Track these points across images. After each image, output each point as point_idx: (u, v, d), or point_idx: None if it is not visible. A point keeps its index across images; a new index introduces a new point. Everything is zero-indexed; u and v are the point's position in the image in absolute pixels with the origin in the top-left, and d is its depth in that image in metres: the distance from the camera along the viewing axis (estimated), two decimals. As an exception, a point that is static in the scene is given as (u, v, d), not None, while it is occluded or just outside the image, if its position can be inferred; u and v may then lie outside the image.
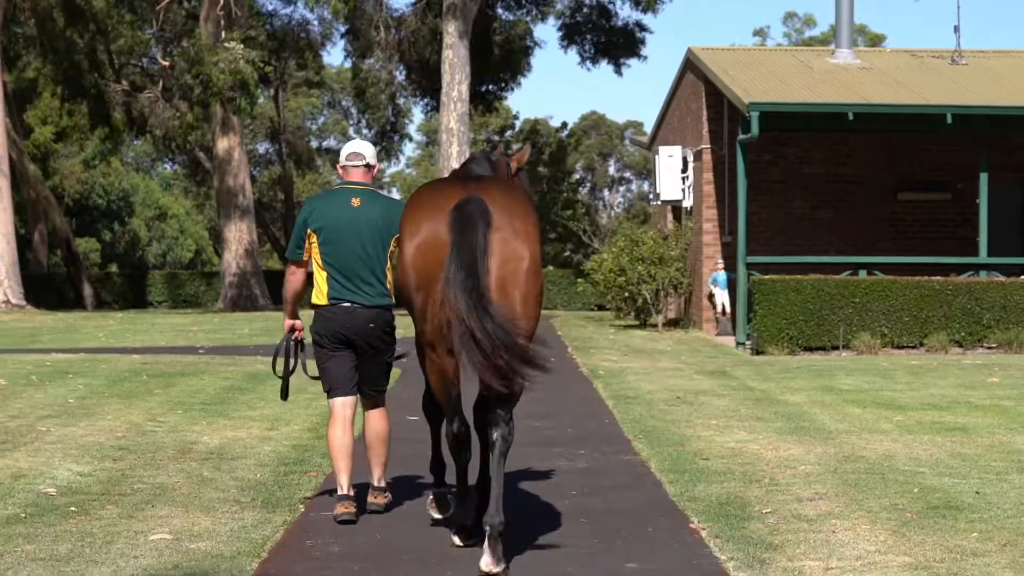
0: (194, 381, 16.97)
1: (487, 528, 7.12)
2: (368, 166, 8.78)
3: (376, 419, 8.81)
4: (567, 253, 65.30)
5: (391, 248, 8.54)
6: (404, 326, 9.24)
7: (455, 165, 36.49)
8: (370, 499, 8.77)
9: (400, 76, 48.42)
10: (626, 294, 29.78)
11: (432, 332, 7.41)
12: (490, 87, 48.75)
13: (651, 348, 23.70)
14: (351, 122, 78.80)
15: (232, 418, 13.29)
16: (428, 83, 46.70)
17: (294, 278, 8.79)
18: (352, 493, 8.53)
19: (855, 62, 28.79)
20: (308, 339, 8.92)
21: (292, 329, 8.92)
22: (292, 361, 8.94)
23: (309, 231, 8.58)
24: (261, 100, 55.75)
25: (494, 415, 7.31)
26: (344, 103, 77.56)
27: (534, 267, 7.28)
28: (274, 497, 9.12)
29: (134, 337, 27.02)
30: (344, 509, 8.42)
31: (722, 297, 27.26)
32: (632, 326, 30.48)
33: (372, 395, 8.78)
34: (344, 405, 8.67)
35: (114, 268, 73.38)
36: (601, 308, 41.91)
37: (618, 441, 12.02)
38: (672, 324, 29.98)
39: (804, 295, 22.57)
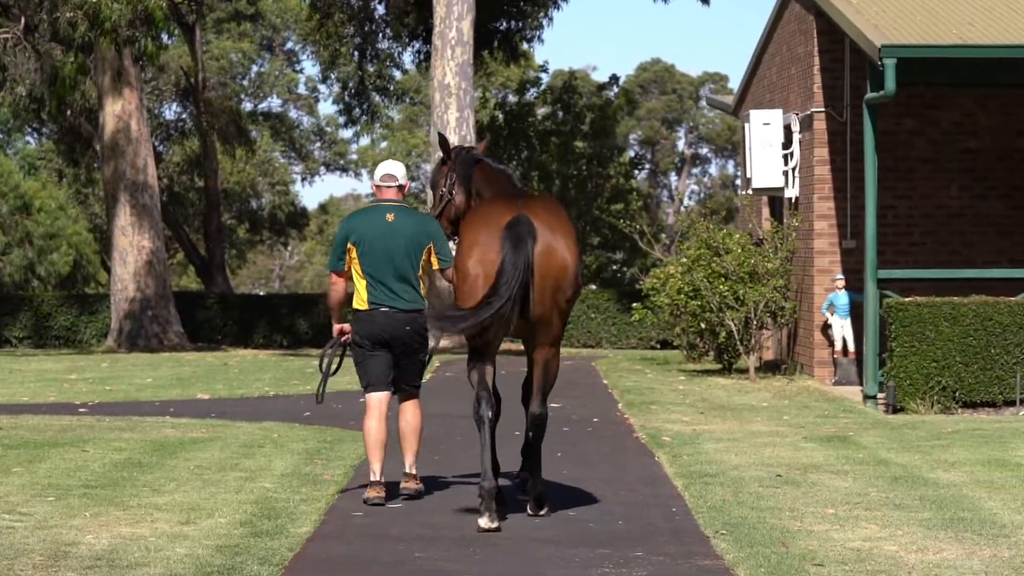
0: (73, 454, 16.99)
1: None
2: (400, 187, 13.79)
3: (410, 412, 13.78)
4: (616, 266, 65.03)
5: (423, 258, 13.54)
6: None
7: (452, 137, 36.48)
8: (403, 484, 13.70)
9: (381, 9, 48.50)
10: (702, 325, 29.76)
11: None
12: (512, 25, 48.71)
13: (739, 404, 23.71)
14: (299, 70, 79.01)
15: (129, 508, 13.32)
16: (417, 20, 46.78)
17: (336, 287, 13.71)
18: (383, 480, 13.49)
19: (1038, -15, 28.80)
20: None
21: (341, 332, 13.74)
22: (338, 361, 13.92)
23: (349, 245, 13.50)
24: (171, 40, 55.70)
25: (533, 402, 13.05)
26: (290, 45, 77.76)
27: (575, 276, 12.79)
28: (190, 621, 9.16)
29: (-15, 389, 27.08)
30: (375, 493, 13.41)
31: (843, 329, 27.25)
32: (711, 371, 30.49)
33: (407, 390, 13.75)
34: (380, 400, 13.69)
35: (-45, 289, 73.69)
36: (666, 345, 41.91)
37: (691, 538, 12.06)
38: (770, 368, 29.99)
39: (963, 326, 22.55)
